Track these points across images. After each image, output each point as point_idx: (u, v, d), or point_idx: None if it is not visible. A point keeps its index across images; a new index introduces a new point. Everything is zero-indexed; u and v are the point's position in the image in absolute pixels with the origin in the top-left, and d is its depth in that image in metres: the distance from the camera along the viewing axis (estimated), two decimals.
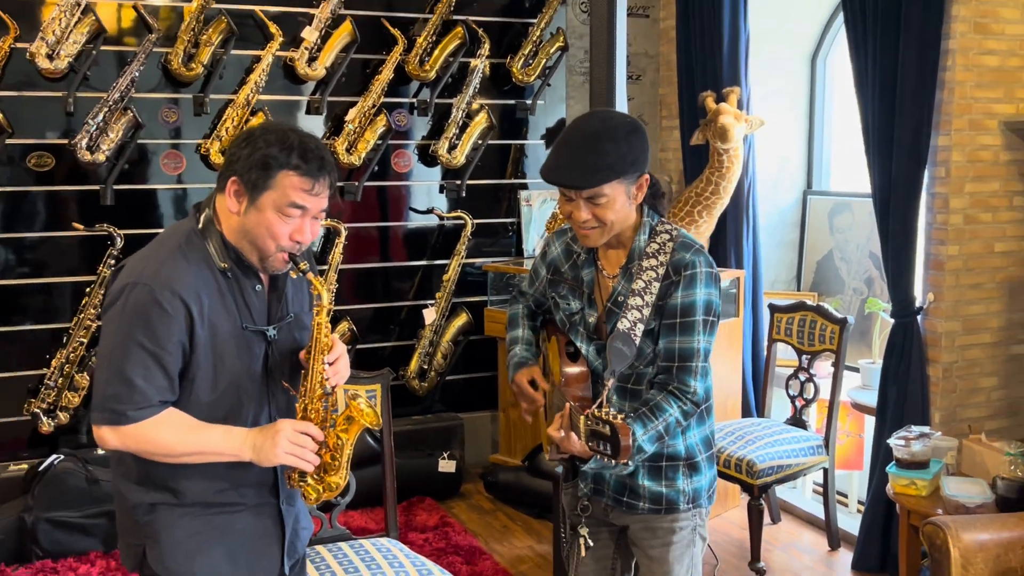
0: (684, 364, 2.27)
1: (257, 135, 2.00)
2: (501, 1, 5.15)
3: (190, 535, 2.07)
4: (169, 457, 2.01)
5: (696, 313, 2.26)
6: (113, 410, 1.95)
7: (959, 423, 3.77)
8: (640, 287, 2.25)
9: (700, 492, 2.41)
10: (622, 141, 2.21)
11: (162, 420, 1.98)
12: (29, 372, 4.44)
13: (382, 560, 2.87)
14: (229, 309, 2.04)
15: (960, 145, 3.67)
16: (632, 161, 2.22)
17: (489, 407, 5.20)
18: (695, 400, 2.28)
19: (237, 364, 2.05)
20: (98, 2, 4.38)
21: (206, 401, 2.04)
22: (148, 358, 1.95)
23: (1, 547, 3.96)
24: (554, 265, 2.48)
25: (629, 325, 2.23)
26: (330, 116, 4.86)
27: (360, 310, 5.01)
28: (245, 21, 4.63)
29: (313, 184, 1.99)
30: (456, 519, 4.50)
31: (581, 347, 2.39)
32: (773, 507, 4.49)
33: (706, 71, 4.85)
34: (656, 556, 2.41)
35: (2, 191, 4.36)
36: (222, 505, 2.10)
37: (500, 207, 5.25)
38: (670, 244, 2.28)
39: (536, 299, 2.59)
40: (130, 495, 2.09)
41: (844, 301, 4.94)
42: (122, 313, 1.96)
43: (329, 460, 2.08)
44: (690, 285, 2.25)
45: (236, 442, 2.01)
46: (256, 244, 2.02)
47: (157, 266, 1.99)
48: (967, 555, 2.81)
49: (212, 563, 2.09)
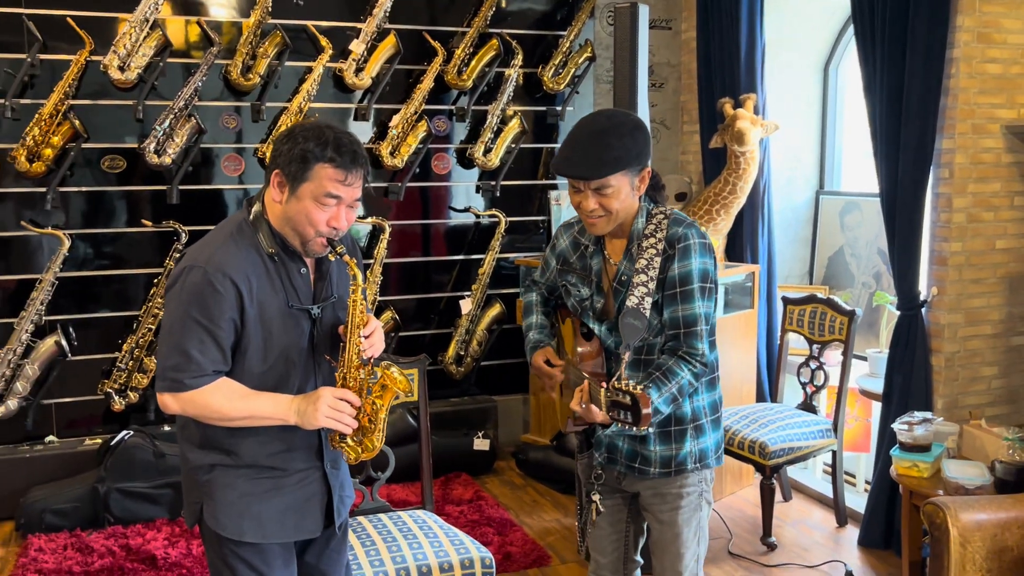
0: (689, 329, 2.28)
1: (297, 132, 2.06)
2: (533, 15, 5.13)
3: (242, 495, 2.13)
4: (223, 421, 2.07)
5: (693, 281, 2.27)
6: (173, 379, 2.03)
7: (960, 409, 3.69)
8: (643, 264, 2.27)
9: (707, 452, 2.41)
10: (627, 136, 2.24)
11: (216, 388, 2.05)
12: (103, 355, 4.52)
13: (417, 530, 2.87)
14: (276, 289, 2.09)
15: (964, 148, 3.59)
16: (636, 155, 2.25)
17: (521, 390, 5.19)
18: (703, 361, 2.29)
19: (284, 339, 2.11)
20: (165, 18, 4.43)
21: (257, 372, 2.10)
22: (203, 333, 2.01)
23: (77, 514, 4.03)
24: (563, 256, 2.49)
25: (637, 300, 2.24)
26: (376, 122, 4.87)
27: (403, 300, 5.02)
28: (298, 35, 4.65)
29: (346, 175, 2.04)
30: (489, 493, 4.51)
31: (593, 327, 2.40)
32: (785, 486, 4.44)
33: (724, 79, 4.80)
34: (666, 519, 2.42)
35: (81, 191, 4.43)
36: (272, 469, 2.15)
37: (532, 206, 5.24)
38: (665, 222, 2.31)
39: (548, 286, 2.61)
40: (192, 457, 2.16)
41: (854, 294, 4.86)
42: (180, 293, 2.03)
43: (367, 423, 2.12)
44: (685, 256, 2.27)
45: (282, 407, 2.08)
46: (297, 230, 2.07)
47: (211, 252, 2.05)
48: (965, 534, 2.76)
49: (260, 521, 2.14)
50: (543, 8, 5.13)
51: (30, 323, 4.28)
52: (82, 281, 4.46)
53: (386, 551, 2.74)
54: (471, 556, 2.76)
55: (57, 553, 3.78)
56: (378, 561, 2.69)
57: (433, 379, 5.02)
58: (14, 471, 4.17)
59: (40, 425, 4.44)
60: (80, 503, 4.04)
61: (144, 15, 4.29)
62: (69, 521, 4.01)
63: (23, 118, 4.24)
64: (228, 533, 2.13)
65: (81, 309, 4.47)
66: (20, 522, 4.00)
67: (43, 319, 4.34)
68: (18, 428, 4.38)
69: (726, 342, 4.34)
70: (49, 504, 4.00)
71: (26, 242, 4.37)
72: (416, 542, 2.80)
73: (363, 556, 2.71)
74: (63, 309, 4.42)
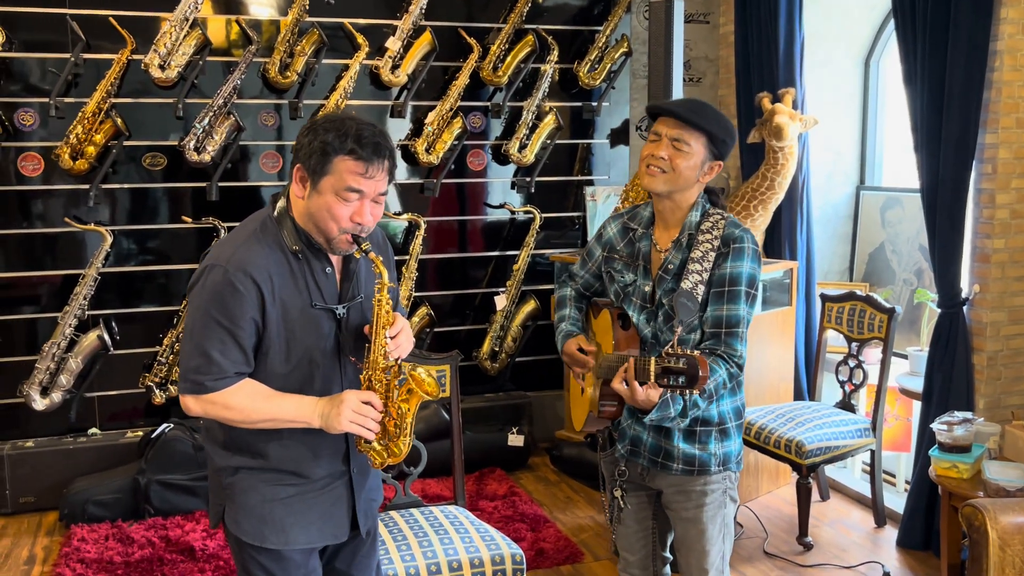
0: (731, 330, 2.29)
1: (318, 124, 2.00)
2: (569, 10, 5.11)
3: (264, 500, 2.10)
4: (246, 423, 2.03)
5: (742, 283, 2.29)
6: (194, 381, 1.99)
7: (1003, 410, 3.62)
8: (699, 256, 2.30)
9: (730, 456, 2.41)
10: (723, 122, 2.35)
11: (238, 389, 2.01)
12: (145, 349, 4.60)
13: (449, 526, 2.89)
14: (300, 288, 2.05)
15: (1007, 143, 3.52)
16: (722, 139, 2.33)
17: (556, 386, 5.18)
18: (740, 363, 2.30)
19: (308, 339, 2.06)
20: (205, 17, 4.49)
21: (280, 373, 2.06)
22: (224, 334, 1.98)
23: (118, 504, 4.11)
24: (610, 244, 2.51)
25: (691, 285, 2.27)
26: (412, 119, 4.89)
27: (438, 296, 5.04)
28: (335, 33, 4.69)
29: (367, 167, 1.97)
30: (523, 489, 4.51)
31: (633, 315, 2.40)
32: (822, 485, 4.39)
33: (763, 73, 4.75)
34: (690, 517, 2.41)
35: (123, 188, 4.51)
36: (296, 475, 2.11)
37: (567, 202, 5.22)
38: (722, 222, 2.35)
39: (586, 281, 2.61)
40: (217, 458, 2.13)
41: (895, 292, 4.79)
42: (200, 293, 2.00)
43: (392, 428, 2.07)
44: (738, 257, 2.30)
45: (306, 410, 2.03)
46: (320, 226, 2.02)
47: (232, 250, 2.01)
48: (1005, 536, 2.70)
49: (282, 527, 2.10)
50: (579, 3, 5.12)
51: (73, 317, 4.38)
52: (124, 276, 4.55)
53: (417, 547, 2.75)
54: (502, 553, 2.77)
55: (99, 543, 3.86)
56: (409, 556, 2.71)
57: (468, 375, 5.03)
58: (58, 462, 4.27)
59: (83, 417, 4.53)
60: (121, 494, 4.12)
61: (184, 14, 4.35)
62: (111, 512, 4.10)
63: (67, 117, 4.33)
64: (249, 538, 2.10)
65: (123, 304, 4.56)
66: (64, 512, 4.09)
67: (86, 314, 4.43)
68: (62, 420, 4.48)
69: (764, 339, 4.30)
70: (92, 495, 4.09)
71: (70, 238, 4.46)
72: (447, 538, 2.81)
73: (394, 551, 2.73)
74: (106, 304, 4.50)
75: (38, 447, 4.28)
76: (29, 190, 4.39)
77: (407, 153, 4.87)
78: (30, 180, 4.37)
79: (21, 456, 4.24)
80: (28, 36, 4.31)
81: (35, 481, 4.25)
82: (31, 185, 4.38)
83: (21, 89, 4.33)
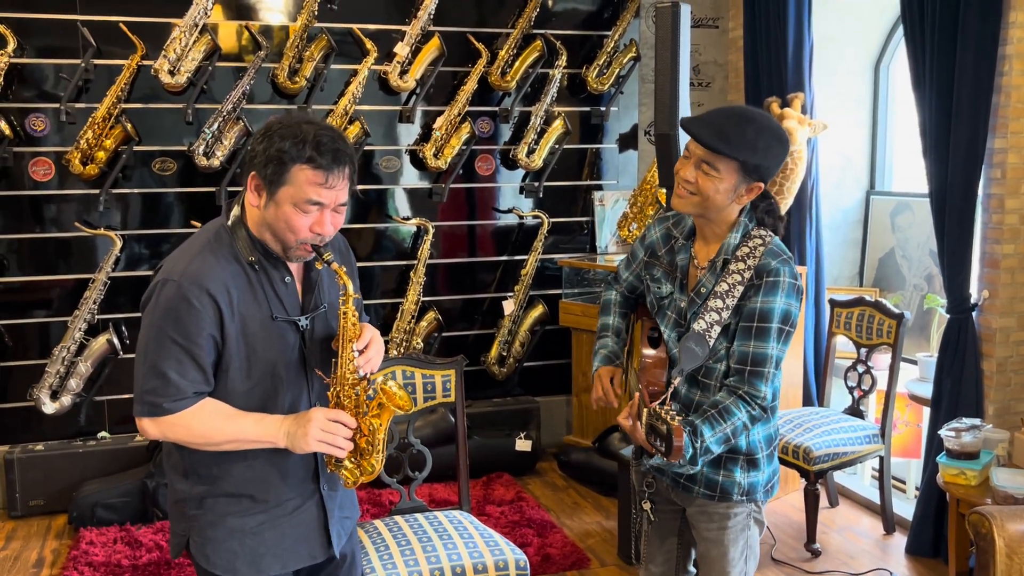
0: (756, 369, 2.16)
1: (273, 130, 1.89)
2: (578, 16, 5.12)
3: (232, 532, 2.01)
4: (208, 445, 1.94)
5: (773, 320, 2.14)
6: (151, 403, 1.90)
7: (1012, 416, 3.60)
8: (724, 289, 2.15)
9: (756, 487, 2.30)
10: (763, 138, 2.13)
11: (198, 410, 1.91)
12: None
13: (453, 530, 2.89)
14: (259, 300, 1.95)
15: (1017, 148, 3.50)
16: (757, 163, 2.12)
17: (564, 392, 5.18)
18: (763, 406, 2.18)
19: (271, 353, 1.97)
20: (215, 23, 4.52)
21: (242, 390, 1.96)
22: (180, 352, 1.88)
23: (127, 508, 4.14)
24: (652, 248, 2.40)
25: (705, 327, 2.14)
26: (421, 124, 4.91)
27: (447, 301, 5.05)
28: (344, 38, 4.71)
29: (327, 176, 1.87)
30: (530, 494, 4.51)
31: (665, 332, 2.30)
32: (831, 492, 4.37)
33: (772, 78, 4.74)
34: (712, 538, 2.35)
35: (133, 192, 4.54)
36: (265, 502, 2.02)
37: (575, 207, 5.23)
38: (760, 249, 2.17)
39: (630, 283, 2.50)
40: (179, 487, 2.03)
41: (905, 297, 4.76)
42: (154, 310, 1.90)
43: (365, 445, 1.97)
44: (771, 291, 2.14)
45: (271, 429, 1.93)
46: (277, 236, 1.92)
47: (186, 263, 1.91)
48: (1012, 544, 2.69)
49: (254, 557, 2.02)
50: (588, 8, 5.12)
51: (83, 321, 4.41)
52: (134, 280, 4.58)
53: (421, 551, 2.76)
54: (505, 558, 2.77)
55: (107, 546, 3.89)
56: (413, 561, 2.71)
57: (476, 379, 5.04)
58: (67, 466, 4.30)
59: (93, 421, 4.56)
60: (130, 498, 4.15)
61: (194, 20, 4.38)
62: (119, 515, 4.12)
63: (78, 122, 4.37)
64: (220, 571, 2.00)
65: (133, 308, 4.58)
66: (72, 515, 4.12)
67: (96, 318, 4.46)
68: (72, 424, 4.51)
69: None
70: (100, 498, 4.12)
71: (81, 243, 4.49)
72: (451, 542, 2.81)
73: (398, 556, 2.74)
74: (116, 308, 4.53)
75: (48, 450, 4.32)
76: (40, 195, 4.42)
77: (416, 158, 4.89)
78: (41, 185, 4.41)
79: (31, 459, 4.27)
80: (39, 42, 4.35)
81: (44, 484, 4.28)
82: (42, 190, 4.42)
83: (33, 95, 4.38)
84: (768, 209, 2.26)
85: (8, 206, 4.39)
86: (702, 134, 2.13)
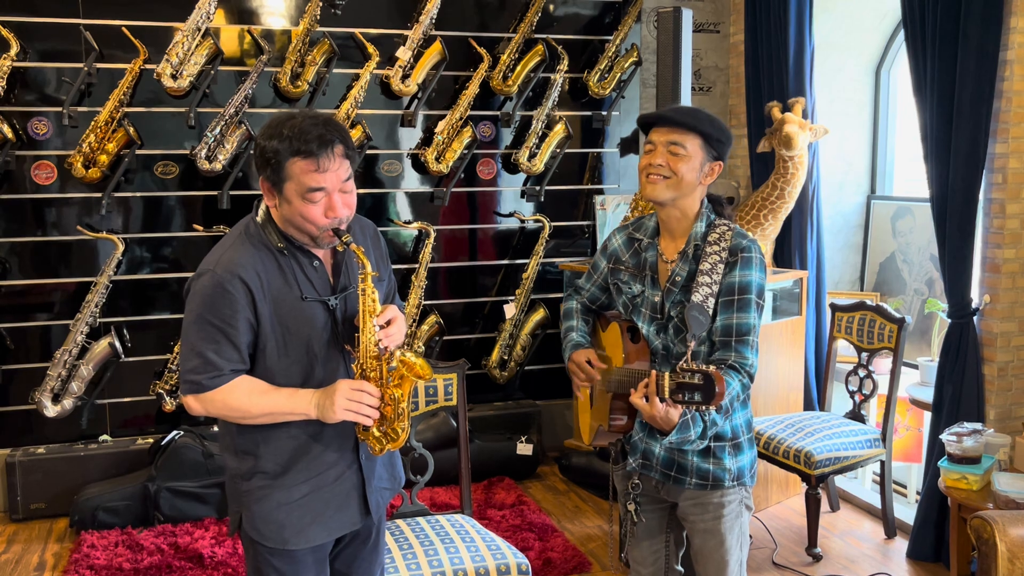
0: (742, 338, 2.28)
1: (263, 134, 2.03)
2: (579, 20, 5.13)
3: (279, 505, 2.14)
4: (247, 419, 2.09)
5: (751, 292, 2.29)
6: (191, 381, 2.06)
7: (1014, 421, 3.60)
8: (707, 268, 2.29)
9: (744, 470, 2.40)
10: (716, 123, 2.34)
11: (235, 386, 2.06)
12: (156, 357, 4.63)
13: (455, 535, 2.89)
14: (289, 283, 2.09)
15: (1018, 152, 3.51)
16: (718, 138, 2.32)
17: (565, 395, 5.19)
18: (751, 373, 2.28)
19: (304, 331, 2.10)
20: (218, 27, 4.53)
21: (280, 367, 2.10)
22: (217, 333, 2.03)
23: (128, 511, 4.14)
24: (615, 256, 2.51)
25: (702, 298, 2.25)
26: (422, 128, 4.92)
27: (448, 304, 5.05)
28: (346, 43, 4.72)
29: (319, 162, 1.99)
30: (532, 498, 4.51)
31: (642, 327, 2.39)
32: (832, 496, 4.37)
33: (773, 82, 4.75)
34: (708, 528, 2.39)
35: (135, 196, 4.55)
36: (307, 470, 2.15)
37: (577, 211, 5.23)
38: (728, 233, 2.34)
39: (591, 295, 2.60)
40: (231, 464, 2.19)
41: (906, 301, 4.77)
42: (192, 299, 2.07)
43: (390, 413, 2.10)
44: (747, 266, 2.29)
45: (302, 402, 2.07)
46: (301, 230, 2.06)
47: (220, 255, 2.08)
48: (1014, 549, 2.69)
49: (300, 527, 2.15)
50: (590, 13, 5.13)
51: (85, 325, 4.41)
52: (136, 284, 4.58)
53: (423, 555, 2.76)
54: (507, 562, 2.77)
55: (108, 550, 3.89)
56: (415, 565, 2.72)
57: (477, 383, 5.04)
58: (69, 469, 4.30)
59: (94, 424, 4.57)
60: (131, 501, 4.15)
61: (196, 24, 4.39)
62: (121, 518, 4.12)
63: (80, 125, 4.38)
64: (270, 543, 2.15)
65: (135, 311, 4.59)
66: (74, 519, 4.12)
67: (98, 321, 4.46)
68: (73, 427, 4.52)
69: (773, 349, 4.30)
70: (102, 501, 4.12)
71: (83, 246, 4.50)
72: (453, 547, 2.82)
73: (400, 560, 2.74)
74: (117, 311, 4.54)
75: (49, 453, 4.32)
76: (43, 198, 4.43)
77: (417, 162, 4.90)
78: (44, 188, 4.42)
79: (32, 462, 4.27)
80: (42, 46, 4.36)
81: (46, 487, 4.28)
82: (44, 193, 4.42)
83: (35, 98, 4.38)
84: (715, 199, 2.44)
85: (10, 209, 4.40)
86: (668, 115, 2.34)
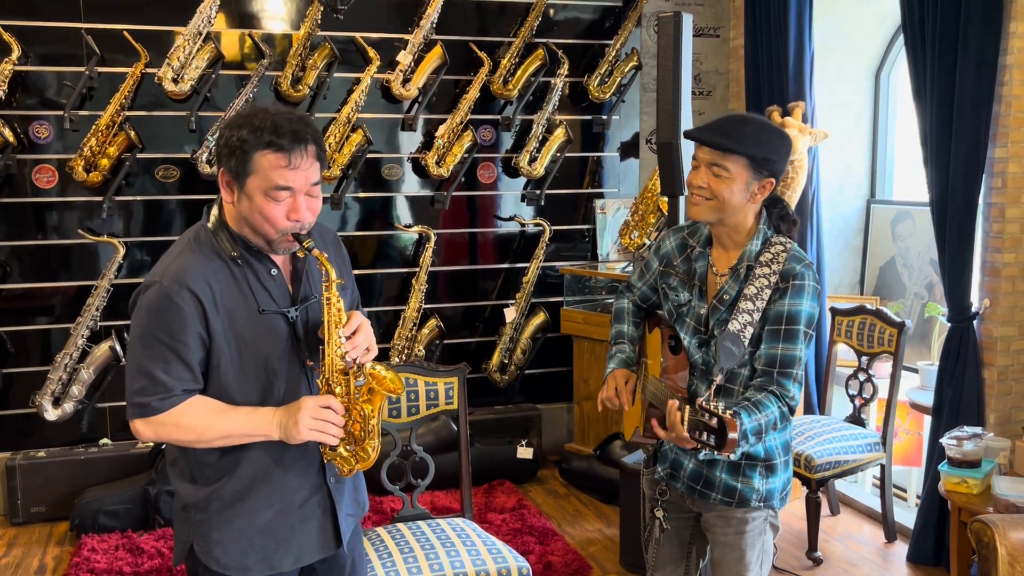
0: (785, 370, 2.18)
1: (232, 122, 1.88)
2: (580, 25, 5.14)
3: (243, 532, 1.99)
4: (201, 442, 1.92)
5: (800, 323, 2.17)
6: (139, 404, 1.89)
7: (1014, 424, 3.60)
8: (752, 292, 2.18)
9: (773, 493, 2.32)
10: (766, 133, 2.18)
11: (188, 407, 1.90)
12: None
13: (456, 538, 2.89)
14: (244, 294, 1.93)
15: (1017, 157, 3.51)
16: (764, 157, 2.16)
17: (565, 399, 5.19)
18: (792, 405, 2.18)
19: (261, 345, 1.94)
20: (219, 31, 4.53)
21: (236, 384, 1.93)
22: (166, 351, 1.86)
23: (128, 515, 4.14)
24: (667, 258, 2.42)
25: (739, 327, 2.15)
26: (423, 132, 4.92)
27: (448, 308, 5.06)
28: (347, 47, 4.73)
29: (290, 158, 1.83)
30: (532, 502, 4.51)
31: (684, 339, 2.33)
32: (832, 500, 4.37)
33: (772, 87, 4.75)
34: (729, 543, 2.35)
35: (136, 200, 4.55)
36: (271, 497, 2.00)
37: (577, 215, 5.24)
38: (783, 255, 2.20)
39: (643, 293, 2.52)
40: (186, 495, 2.00)
41: (906, 305, 4.77)
42: (138, 313, 1.91)
43: (358, 432, 1.94)
44: (798, 295, 2.17)
45: (263, 422, 1.91)
46: (257, 231, 1.90)
47: (167, 265, 1.92)
48: (1014, 553, 2.69)
49: (265, 554, 2.01)
50: (590, 17, 5.14)
51: (86, 328, 4.41)
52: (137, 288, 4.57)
53: (424, 559, 2.76)
54: (508, 565, 2.77)
55: (109, 553, 3.89)
56: (416, 568, 2.72)
57: (477, 387, 5.05)
58: (69, 472, 4.30)
59: (95, 428, 4.57)
60: (132, 504, 4.15)
61: (198, 28, 4.40)
62: (121, 522, 4.12)
63: (81, 129, 4.38)
64: (233, 572, 1.98)
65: None
66: (74, 522, 4.12)
67: (98, 324, 4.46)
68: (73, 430, 4.52)
69: None
70: (102, 505, 4.11)
71: (84, 250, 4.50)
72: (454, 550, 2.82)
73: (400, 563, 2.74)
74: (118, 315, 4.53)
75: (49, 457, 4.32)
76: (44, 202, 4.43)
77: (418, 166, 4.90)
78: (45, 192, 4.42)
79: (32, 466, 4.27)
80: (44, 50, 4.36)
81: (46, 491, 4.28)
82: (46, 197, 4.43)
83: (36, 102, 4.39)
84: (782, 215, 2.29)
85: (11, 213, 4.40)
86: (706, 136, 2.19)
